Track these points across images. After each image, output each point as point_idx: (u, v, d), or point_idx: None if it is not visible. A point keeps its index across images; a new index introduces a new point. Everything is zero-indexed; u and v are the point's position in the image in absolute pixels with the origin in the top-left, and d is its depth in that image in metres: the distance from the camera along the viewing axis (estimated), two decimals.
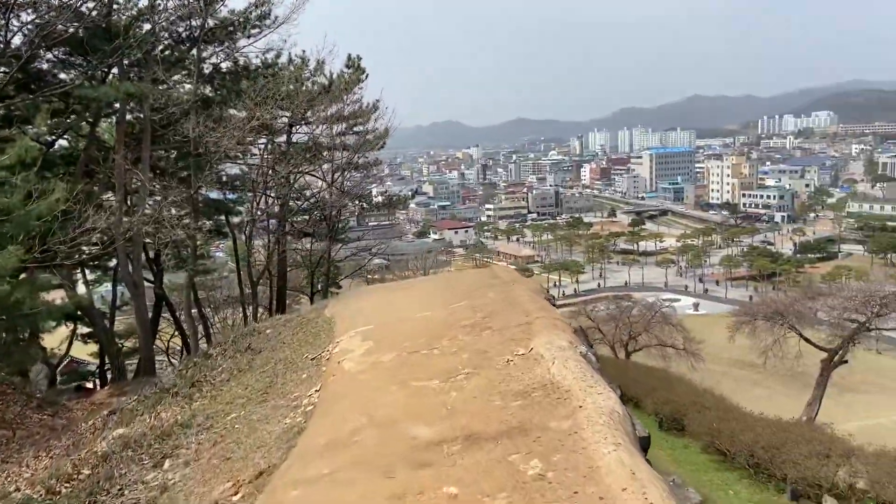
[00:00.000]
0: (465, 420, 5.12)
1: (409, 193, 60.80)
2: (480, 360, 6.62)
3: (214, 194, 26.19)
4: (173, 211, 15.65)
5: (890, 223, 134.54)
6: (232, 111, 19.90)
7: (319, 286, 29.88)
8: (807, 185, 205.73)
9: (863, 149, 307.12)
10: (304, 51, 25.17)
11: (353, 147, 27.03)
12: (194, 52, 19.06)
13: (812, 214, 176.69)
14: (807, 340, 34.97)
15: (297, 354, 9.89)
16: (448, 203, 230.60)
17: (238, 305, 32.24)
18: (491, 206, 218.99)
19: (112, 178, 18.03)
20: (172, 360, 36.39)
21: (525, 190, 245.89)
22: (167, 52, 18.73)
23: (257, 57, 19.80)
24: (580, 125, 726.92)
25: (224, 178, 25.15)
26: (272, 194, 25.50)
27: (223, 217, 24.75)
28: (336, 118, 26.08)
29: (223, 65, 19.83)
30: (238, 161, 25.38)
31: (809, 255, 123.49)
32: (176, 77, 19.86)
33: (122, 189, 17.46)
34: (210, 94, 20.49)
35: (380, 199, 36.35)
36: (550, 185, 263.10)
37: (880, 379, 65.16)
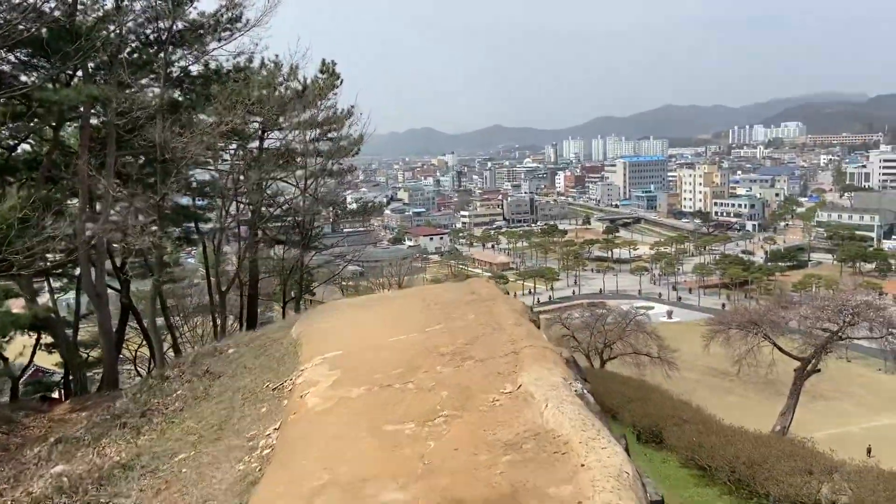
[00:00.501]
0: (445, 480, 4.40)
1: (384, 200, 60.26)
2: (462, 400, 5.87)
3: (185, 200, 25.49)
4: (140, 218, 14.92)
5: (858, 232, 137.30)
6: (202, 116, 19.27)
7: (293, 294, 29.24)
8: (777, 195, 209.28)
9: (831, 159, 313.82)
10: (276, 55, 24.66)
11: (326, 153, 26.53)
12: (162, 54, 18.44)
13: (782, 223, 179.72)
14: (780, 350, 35.14)
15: (258, 383, 9.09)
16: (423, 210, 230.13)
17: (209, 313, 31.47)
18: (466, 213, 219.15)
19: (77, 184, 17.30)
20: (140, 371, 35.35)
21: (500, 197, 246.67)
22: (135, 55, 18.07)
23: (227, 60, 19.24)
24: (555, 133, 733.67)
25: (194, 184, 24.46)
26: (244, 201, 24.91)
27: (193, 224, 24.01)
28: (309, 124, 25.56)
29: (192, 68, 19.22)
30: (209, 167, 24.72)
31: (780, 264, 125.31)
32: (144, 81, 19.20)
33: (86, 195, 16.73)
34: (179, 99, 19.87)
35: (354, 206, 35.86)
36: (525, 193, 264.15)
37: (849, 387, 66.18)
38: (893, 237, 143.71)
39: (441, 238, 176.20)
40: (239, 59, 19.09)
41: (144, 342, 29.87)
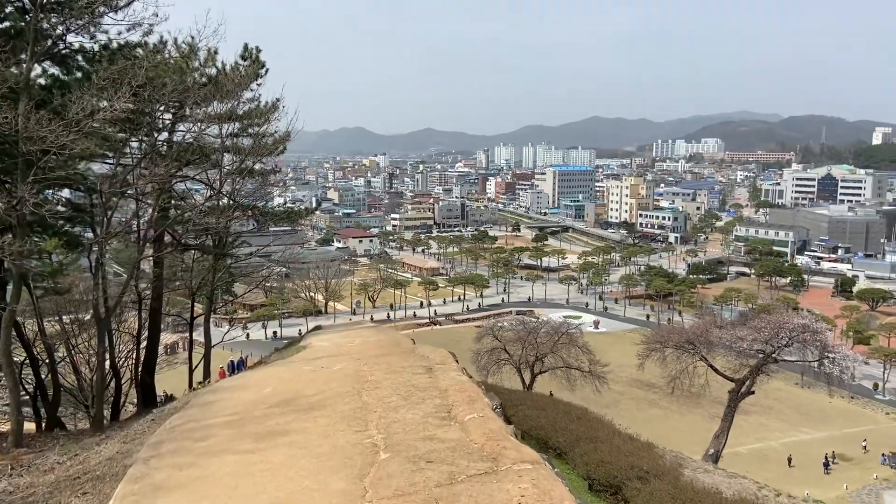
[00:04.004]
0: None
1: (312, 203, 57.21)
2: None
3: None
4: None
5: (775, 248, 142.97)
6: (103, 102, 16.14)
7: (218, 296, 26.07)
8: (698, 208, 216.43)
9: (747, 175, 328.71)
10: (192, 37, 21.65)
11: (246, 150, 23.62)
12: (44, 25, 15.27)
13: (702, 236, 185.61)
14: (716, 371, 34.49)
15: None
16: (353, 211, 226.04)
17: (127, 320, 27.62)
18: (397, 216, 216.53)
19: None
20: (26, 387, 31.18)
21: (432, 201, 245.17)
22: (5, 24, 14.83)
23: (120, 34, 16.15)
24: (487, 139, 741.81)
25: (91, 179, 21.06)
26: (149, 201, 21.75)
27: (81, 226, 20.56)
28: (227, 116, 22.65)
29: (80, 42, 16.04)
30: (107, 160, 21.41)
31: (700, 276, 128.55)
32: (23, 56, 15.93)
33: None
34: (64, 78, 16.66)
35: (280, 208, 32.94)
36: (457, 197, 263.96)
37: (768, 401, 67.46)
38: (805, 253, 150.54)
39: (371, 241, 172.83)
40: (134, 31, 16.02)
41: (27, 360, 25.93)
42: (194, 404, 9.87)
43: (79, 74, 15.94)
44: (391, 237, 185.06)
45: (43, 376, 24.94)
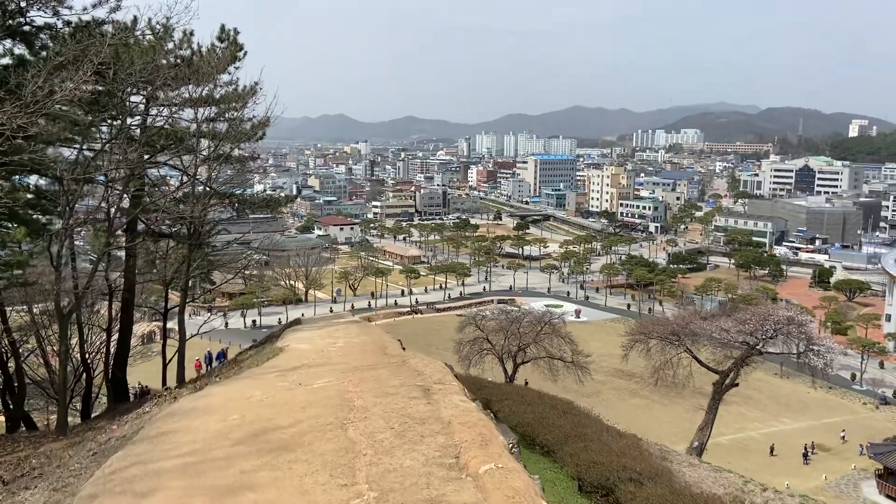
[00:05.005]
0: None
1: (293, 189, 56.14)
2: None
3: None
4: None
5: (754, 238, 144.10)
6: (67, 83, 15.13)
7: (193, 285, 25.10)
8: (678, 198, 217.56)
9: (726, 166, 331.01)
10: (167, 18, 20.61)
11: (223, 136, 22.68)
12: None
13: (682, 226, 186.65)
14: (701, 363, 34.31)
15: None
16: (334, 198, 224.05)
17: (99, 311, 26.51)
18: (378, 204, 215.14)
19: None
20: None
21: (413, 189, 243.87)
22: None
23: (86, 10, 15.12)
24: (468, 127, 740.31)
25: (54, 168, 20.00)
26: (118, 187, 20.77)
27: (46, 214, 19.53)
28: (203, 101, 21.70)
29: (44, 18, 15.02)
30: (76, 146, 20.40)
31: (681, 266, 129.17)
32: None
33: None
34: (30, 58, 15.65)
35: (258, 196, 32.02)
36: (438, 185, 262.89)
37: (749, 391, 67.99)
38: (784, 243, 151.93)
39: (352, 228, 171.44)
40: (101, 6, 14.99)
41: None
42: (144, 437, 8.54)
43: (44, 54, 14.96)
44: (372, 225, 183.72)
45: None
